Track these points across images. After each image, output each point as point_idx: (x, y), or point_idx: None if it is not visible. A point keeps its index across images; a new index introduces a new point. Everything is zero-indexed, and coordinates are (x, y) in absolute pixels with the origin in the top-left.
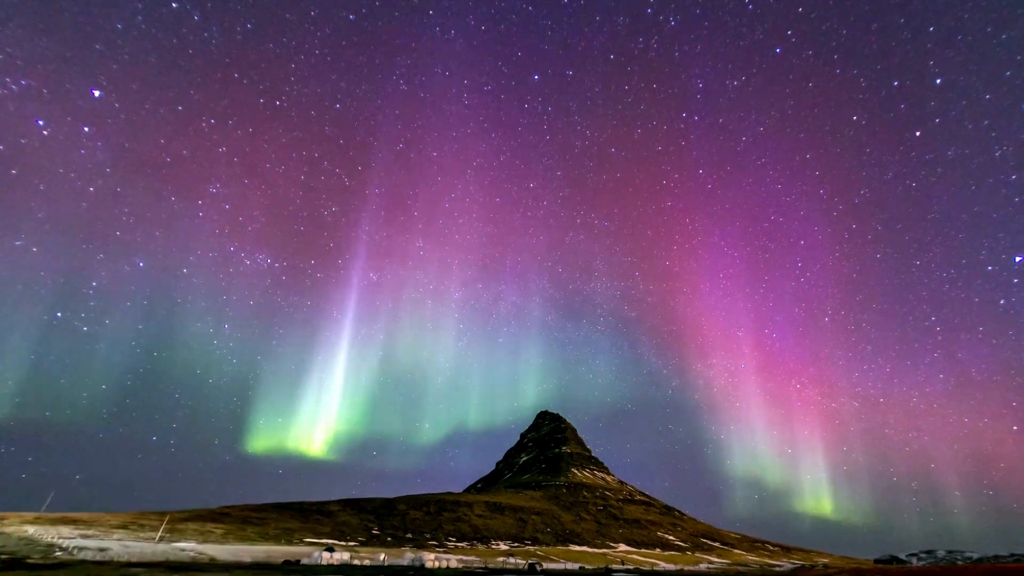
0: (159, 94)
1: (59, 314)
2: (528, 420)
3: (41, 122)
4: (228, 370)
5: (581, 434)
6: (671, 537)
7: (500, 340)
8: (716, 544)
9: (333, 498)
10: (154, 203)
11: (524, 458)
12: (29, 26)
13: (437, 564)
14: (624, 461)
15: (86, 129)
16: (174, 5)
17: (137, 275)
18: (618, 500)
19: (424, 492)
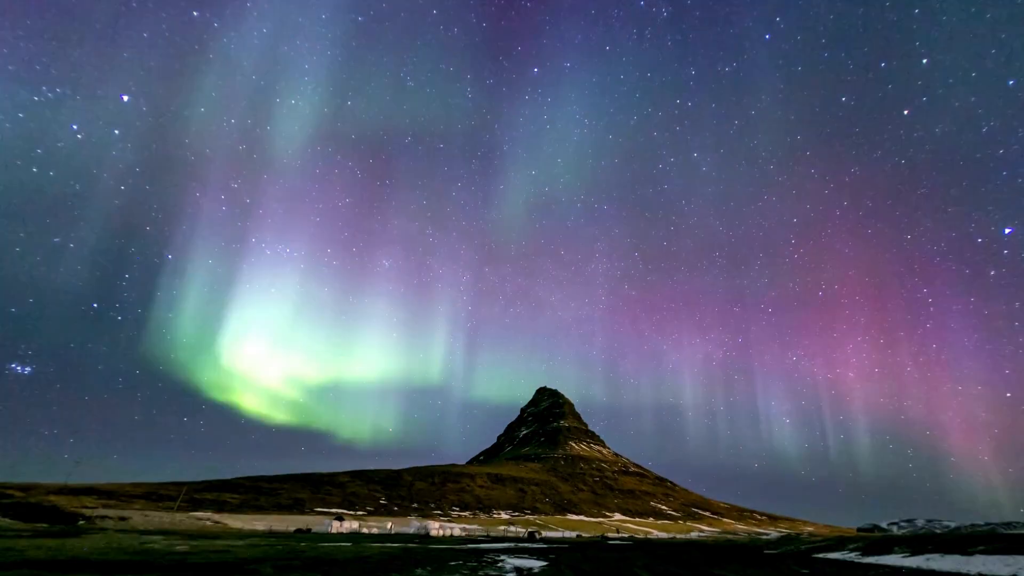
0: (183, 97)
1: (95, 305)
2: (529, 395)
3: (75, 126)
4: (251, 354)
5: (585, 409)
6: (664, 507)
7: (507, 320)
8: (706, 513)
9: (343, 469)
10: (180, 199)
11: (524, 432)
12: (62, 37)
13: (441, 532)
14: (628, 433)
15: (116, 132)
16: (195, 13)
17: (166, 267)
18: (613, 472)
19: (429, 464)
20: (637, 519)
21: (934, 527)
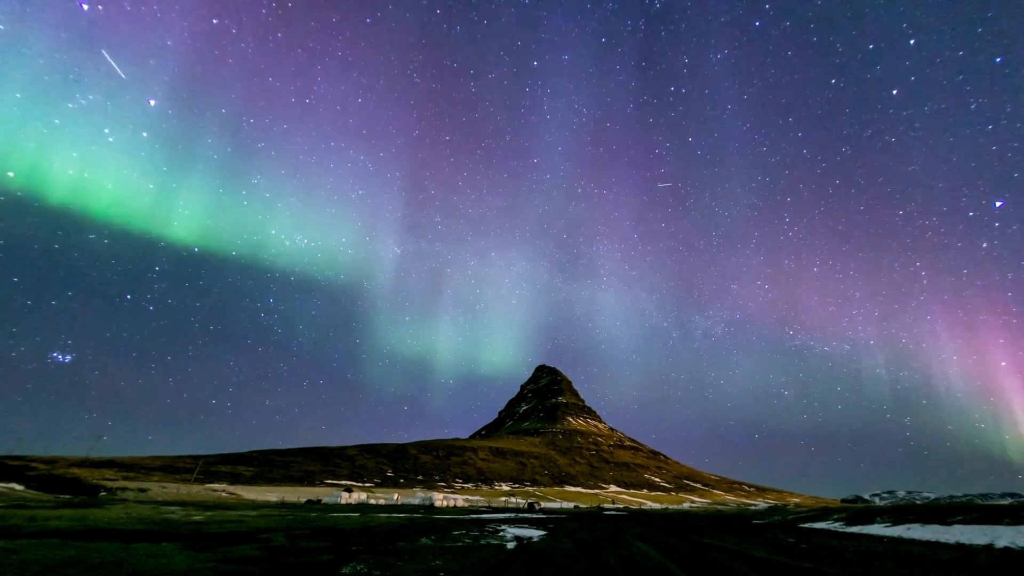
0: (205, 99)
1: (128, 296)
2: (529, 373)
3: (107, 130)
4: (274, 339)
5: (589, 386)
6: (657, 479)
7: (513, 302)
8: (698, 485)
9: (351, 443)
10: (205, 195)
11: (524, 407)
12: (93, 48)
13: (445, 503)
14: (631, 408)
15: (145, 134)
16: (215, 21)
17: (193, 259)
18: (609, 445)
19: (434, 438)
20: (631, 491)
21: (914, 498)
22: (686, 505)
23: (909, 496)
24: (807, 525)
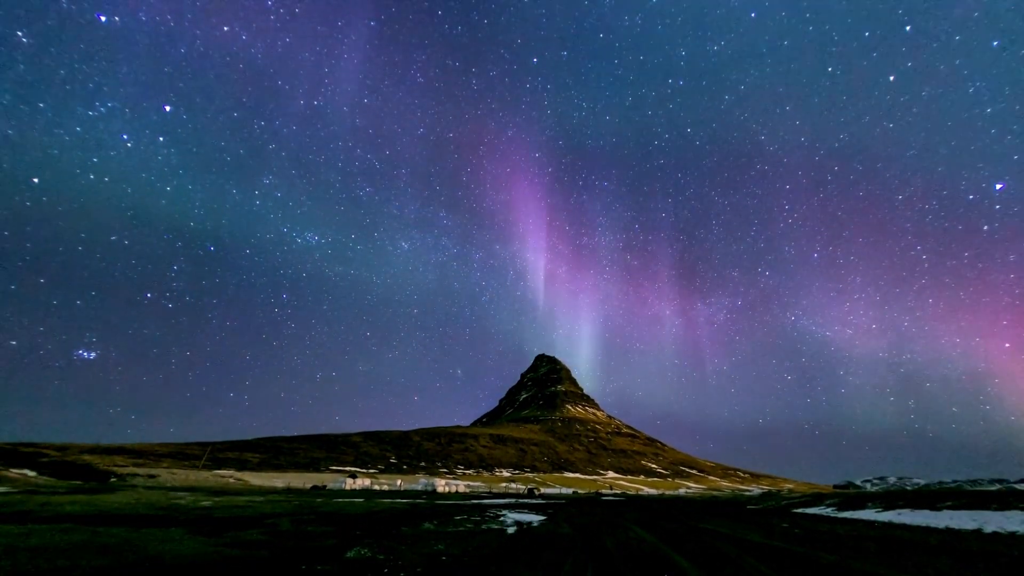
0: (218, 104)
1: (148, 295)
2: (529, 362)
3: (125, 136)
4: (288, 333)
5: (594, 374)
6: (654, 465)
7: (517, 293)
8: (694, 471)
9: (355, 430)
10: (219, 196)
11: (524, 395)
12: (111, 58)
13: (447, 489)
14: (635, 395)
15: (161, 139)
16: (226, 28)
17: (209, 258)
18: (607, 433)
19: (436, 425)
20: (629, 477)
21: (904, 484)
22: (682, 491)
23: (899, 482)
24: (800, 510)
